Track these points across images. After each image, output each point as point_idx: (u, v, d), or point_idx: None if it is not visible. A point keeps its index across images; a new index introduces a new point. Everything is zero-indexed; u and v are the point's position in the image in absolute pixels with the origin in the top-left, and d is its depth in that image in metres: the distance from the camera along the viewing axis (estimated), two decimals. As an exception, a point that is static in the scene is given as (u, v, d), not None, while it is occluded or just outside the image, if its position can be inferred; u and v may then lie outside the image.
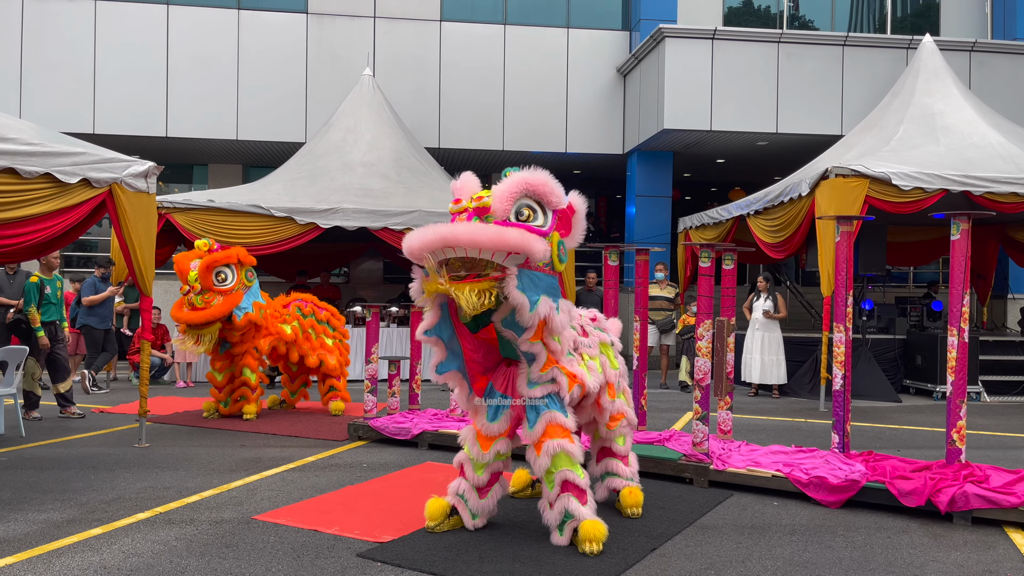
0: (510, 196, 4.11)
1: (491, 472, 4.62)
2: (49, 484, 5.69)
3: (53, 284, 8.58)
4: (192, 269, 8.05)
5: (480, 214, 4.14)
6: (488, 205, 4.13)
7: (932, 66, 11.61)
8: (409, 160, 12.82)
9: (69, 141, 6.44)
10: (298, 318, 8.91)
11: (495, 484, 4.68)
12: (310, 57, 14.78)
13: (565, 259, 4.35)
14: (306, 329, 8.93)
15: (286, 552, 4.32)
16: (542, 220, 4.19)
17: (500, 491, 4.72)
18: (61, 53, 14.18)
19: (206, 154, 15.92)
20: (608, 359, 4.90)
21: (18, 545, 4.36)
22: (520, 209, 4.16)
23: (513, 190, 4.13)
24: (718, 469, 5.79)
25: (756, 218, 11.02)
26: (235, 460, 6.56)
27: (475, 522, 4.67)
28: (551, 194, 4.21)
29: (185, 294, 8.07)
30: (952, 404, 5.48)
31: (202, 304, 7.97)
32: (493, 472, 4.63)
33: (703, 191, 19.30)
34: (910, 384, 11.21)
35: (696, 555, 4.39)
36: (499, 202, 4.10)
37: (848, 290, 6.08)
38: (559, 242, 4.25)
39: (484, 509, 4.67)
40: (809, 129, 13.66)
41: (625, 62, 15.12)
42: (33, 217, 5.87)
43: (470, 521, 4.66)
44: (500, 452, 4.55)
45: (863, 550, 4.51)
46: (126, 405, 9.27)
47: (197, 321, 7.92)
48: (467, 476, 4.63)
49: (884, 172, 9.20)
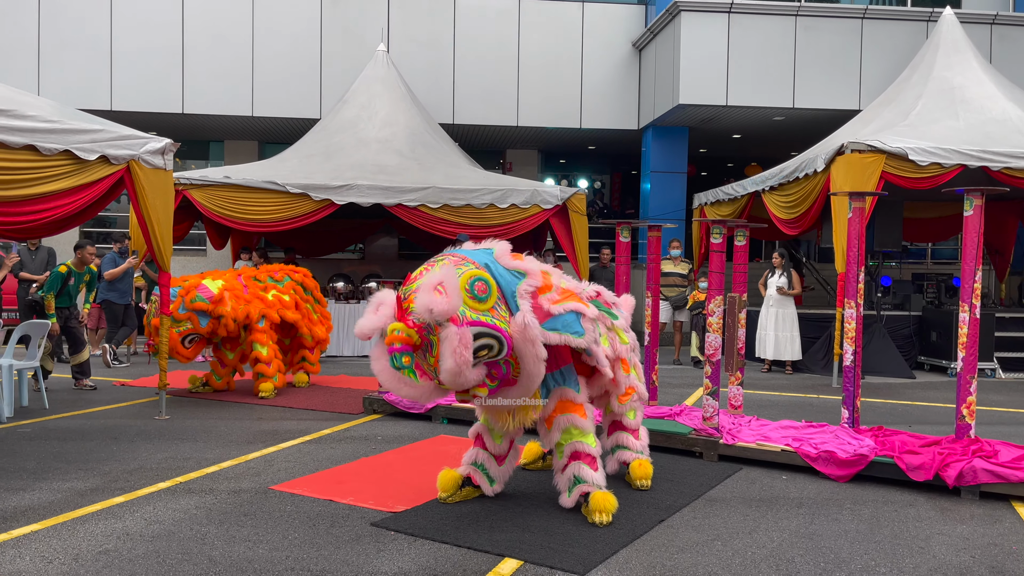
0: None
1: (508, 439, 4.77)
2: (73, 454, 5.84)
3: (80, 278, 8.62)
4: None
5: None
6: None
7: (952, 39, 11.44)
8: (423, 136, 12.83)
9: (87, 118, 6.52)
10: (295, 288, 8.94)
11: (511, 450, 4.84)
12: (325, 33, 14.77)
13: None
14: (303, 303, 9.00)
15: (302, 521, 4.43)
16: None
17: (515, 456, 4.89)
18: (78, 30, 14.25)
19: (222, 131, 16.00)
20: (617, 335, 4.95)
21: (43, 512, 4.50)
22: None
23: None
24: (727, 443, 5.85)
25: (771, 194, 10.97)
26: (253, 432, 6.69)
27: (494, 488, 4.82)
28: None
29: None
30: (962, 380, 5.49)
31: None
32: (510, 439, 4.79)
33: (719, 167, 19.18)
34: (925, 361, 11.19)
35: (703, 526, 4.46)
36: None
37: (861, 266, 6.08)
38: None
39: (503, 475, 4.83)
40: (826, 104, 13.52)
41: (640, 36, 15.00)
42: (53, 194, 5.96)
43: (489, 488, 4.81)
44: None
45: (869, 523, 4.56)
46: (146, 378, 9.43)
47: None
48: (487, 445, 4.77)
49: (901, 147, 9.12)
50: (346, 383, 9.36)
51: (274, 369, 8.43)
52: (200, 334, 8.01)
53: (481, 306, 4.01)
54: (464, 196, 11.21)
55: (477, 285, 4.04)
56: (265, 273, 8.87)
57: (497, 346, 4.00)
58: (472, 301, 3.99)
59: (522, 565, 3.84)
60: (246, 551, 3.96)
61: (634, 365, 5.11)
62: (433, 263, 4.23)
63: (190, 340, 7.99)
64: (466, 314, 3.92)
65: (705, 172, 18.82)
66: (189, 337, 7.96)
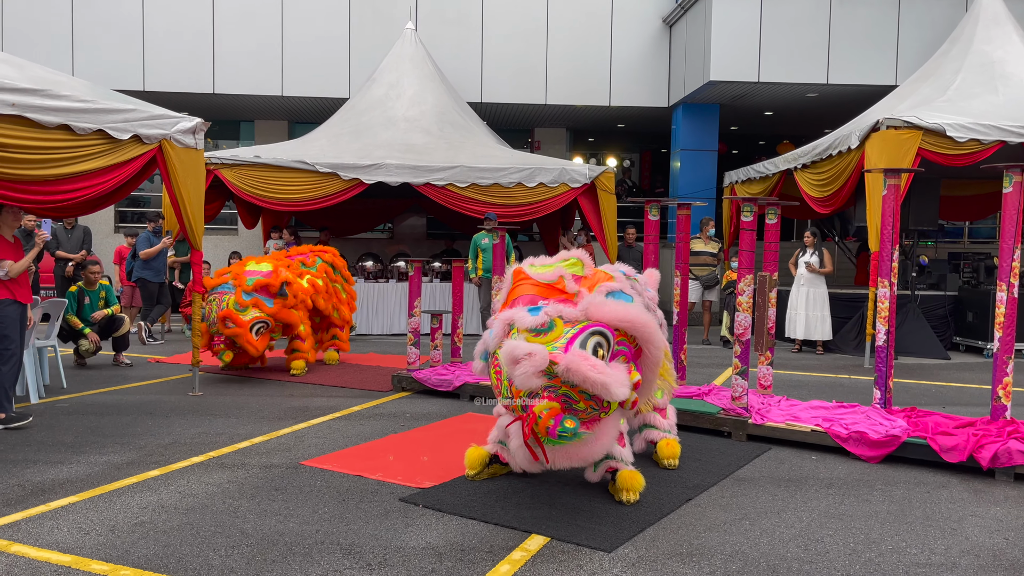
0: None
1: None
2: (109, 429, 5.96)
3: (95, 295, 8.69)
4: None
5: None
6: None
7: (992, 12, 11.14)
8: (451, 115, 12.81)
9: (120, 98, 6.59)
10: (326, 271, 8.97)
11: None
12: (353, 12, 14.76)
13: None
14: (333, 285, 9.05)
15: (332, 496, 4.49)
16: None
17: None
18: (111, 11, 14.39)
19: (252, 110, 16.10)
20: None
21: (81, 485, 4.61)
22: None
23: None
24: (756, 423, 5.81)
25: (803, 172, 10.80)
26: (284, 408, 6.78)
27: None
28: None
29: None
30: (999, 360, 5.40)
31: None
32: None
33: (751, 144, 18.91)
34: (960, 341, 11.00)
35: (731, 506, 4.44)
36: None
37: (894, 245, 5.98)
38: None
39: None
40: (862, 80, 13.24)
41: (671, 12, 14.78)
42: (87, 173, 6.04)
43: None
44: None
45: (900, 504, 4.51)
46: (180, 355, 9.59)
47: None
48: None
49: (938, 123, 8.92)
50: (375, 361, 9.44)
51: (308, 346, 8.49)
52: (267, 320, 7.84)
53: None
54: (492, 175, 11.20)
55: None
56: (297, 258, 8.87)
57: (602, 339, 3.95)
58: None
59: (549, 542, 3.86)
60: (277, 524, 4.02)
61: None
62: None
63: (258, 329, 7.79)
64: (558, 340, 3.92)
65: (736, 150, 18.57)
66: (256, 326, 7.77)
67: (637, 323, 4.02)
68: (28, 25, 14.31)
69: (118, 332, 8.79)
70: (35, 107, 5.52)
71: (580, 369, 3.71)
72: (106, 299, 8.78)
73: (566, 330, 3.96)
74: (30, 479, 4.71)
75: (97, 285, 8.72)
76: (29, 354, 6.88)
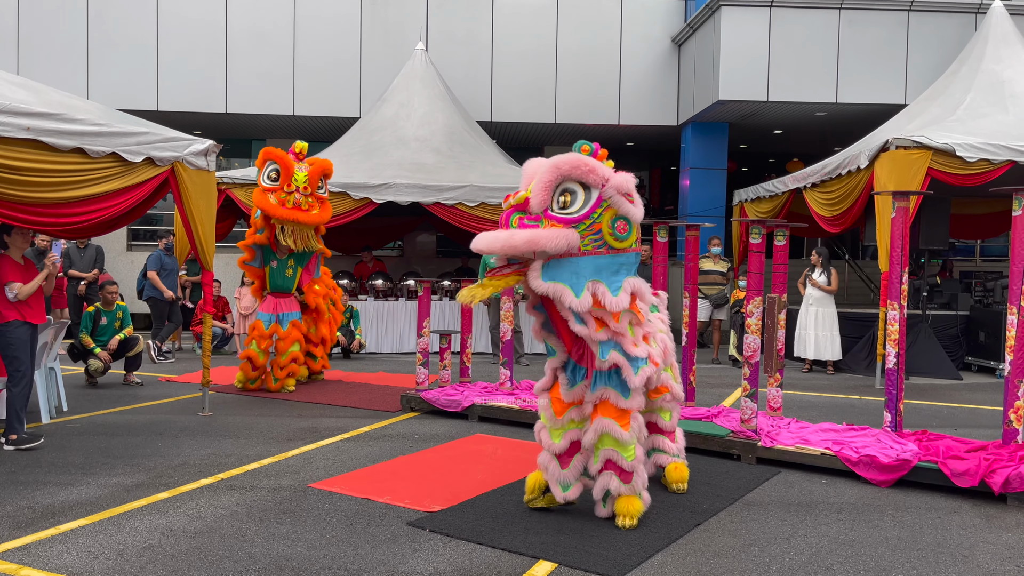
0: (544, 188, 4.13)
1: (569, 440, 4.48)
2: (119, 450, 5.99)
3: (112, 315, 8.77)
4: (300, 171, 8.13)
5: (520, 210, 4.19)
6: (524, 200, 4.17)
7: (1002, 31, 11.14)
8: (461, 135, 12.88)
9: (133, 121, 6.68)
10: (328, 293, 9.24)
11: (578, 453, 4.49)
12: (364, 32, 14.90)
13: (626, 234, 4.21)
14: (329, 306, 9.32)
15: (340, 519, 4.49)
16: (580, 203, 4.14)
17: (581, 461, 4.49)
18: (125, 33, 14.58)
19: (264, 129, 16.25)
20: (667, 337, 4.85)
21: (90, 508, 4.63)
22: (559, 196, 4.16)
23: (546, 180, 4.13)
24: (766, 446, 5.79)
25: (813, 191, 10.80)
26: (293, 429, 6.80)
27: (565, 494, 4.47)
28: (589, 173, 4.14)
29: (286, 192, 8.07)
30: (1010, 384, 5.36)
31: (307, 207, 8.17)
32: (572, 441, 4.48)
33: (760, 162, 18.93)
34: (972, 361, 10.93)
35: (740, 531, 4.42)
36: (534, 197, 4.15)
37: (904, 266, 5.96)
38: (615, 218, 4.17)
39: (565, 479, 4.47)
40: (871, 99, 13.26)
41: (680, 32, 14.86)
42: (100, 195, 6.11)
43: (559, 493, 4.48)
44: (574, 419, 4.46)
45: (911, 530, 4.48)
46: (190, 374, 9.63)
47: (314, 222, 8.27)
48: (544, 443, 4.54)
49: (948, 143, 8.91)
50: (385, 380, 9.45)
51: (298, 366, 8.78)
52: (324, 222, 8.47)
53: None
54: (502, 194, 11.21)
55: None
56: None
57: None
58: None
59: (556, 568, 3.85)
60: (285, 549, 4.03)
61: (670, 365, 5.04)
62: None
63: None
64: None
65: (746, 168, 18.59)
66: None
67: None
68: (44, 45, 14.51)
69: (131, 352, 8.85)
70: (50, 131, 5.59)
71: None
72: (122, 320, 8.84)
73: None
74: (40, 501, 4.73)
75: (114, 306, 8.79)
76: (40, 374, 6.93)
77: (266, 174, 8.14)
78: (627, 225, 4.23)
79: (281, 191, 8.07)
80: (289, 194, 8.08)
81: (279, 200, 8.05)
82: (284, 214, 8.02)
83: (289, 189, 8.09)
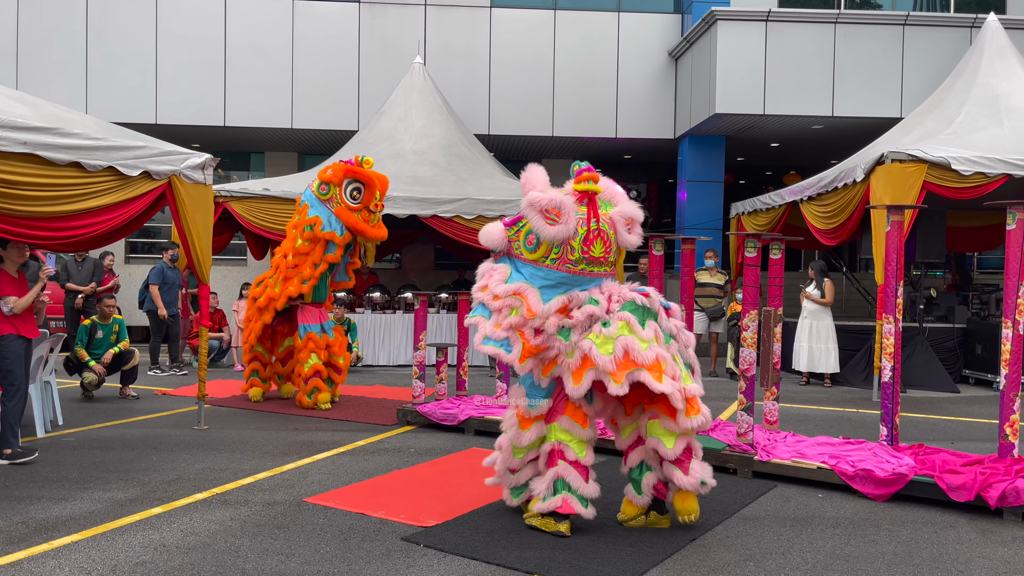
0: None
1: (528, 456, 4.69)
2: (114, 464, 5.97)
3: (108, 328, 8.78)
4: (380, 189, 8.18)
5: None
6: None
7: (997, 45, 11.21)
8: (459, 148, 12.92)
9: (130, 135, 6.69)
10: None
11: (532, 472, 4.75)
12: (362, 46, 14.97)
13: (533, 247, 4.58)
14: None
15: (334, 534, 4.48)
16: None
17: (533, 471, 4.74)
18: (125, 47, 14.64)
19: (263, 142, 16.29)
20: (635, 339, 4.43)
21: (84, 523, 4.61)
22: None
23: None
24: (762, 460, 5.78)
25: (809, 204, 10.83)
26: (288, 443, 6.78)
27: (587, 510, 4.47)
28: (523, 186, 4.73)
29: (370, 210, 8.13)
30: (1005, 398, 5.36)
31: (376, 223, 8.26)
32: (532, 457, 4.70)
33: (757, 175, 18.98)
34: (969, 374, 10.92)
35: (736, 546, 4.41)
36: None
37: (899, 280, 5.97)
38: (526, 231, 4.59)
39: (590, 493, 4.49)
40: (867, 112, 13.32)
41: (677, 46, 14.94)
42: (97, 209, 6.12)
43: (583, 510, 4.48)
44: (540, 435, 4.66)
45: (908, 544, 4.47)
46: (186, 388, 9.61)
47: (385, 238, 8.42)
48: (508, 462, 4.75)
49: (943, 157, 8.94)
50: (381, 393, 9.44)
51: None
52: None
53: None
54: (499, 207, 11.25)
55: None
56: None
57: None
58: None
59: (551, 583, 3.83)
60: (278, 564, 4.01)
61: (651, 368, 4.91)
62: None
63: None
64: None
65: (743, 180, 18.63)
66: None
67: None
68: (43, 59, 14.56)
69: (127, 365, 8.84)
70: (47, 145, 5.61)
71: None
72: (118, 333, 8.83)
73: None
74: (34, 516, 4.72)
75: (111, 319, 8.78)
76: (35, 388, 6.91)
77: (349, 193, 8.09)
78: (536, 239, 4.56)
79: (366, 210, 8.13)
80: (372, 213, 8.16)
81: (364, 219, 8.12)
82: (376, 234, 8.18)
83: (373, 208, 8.14)
